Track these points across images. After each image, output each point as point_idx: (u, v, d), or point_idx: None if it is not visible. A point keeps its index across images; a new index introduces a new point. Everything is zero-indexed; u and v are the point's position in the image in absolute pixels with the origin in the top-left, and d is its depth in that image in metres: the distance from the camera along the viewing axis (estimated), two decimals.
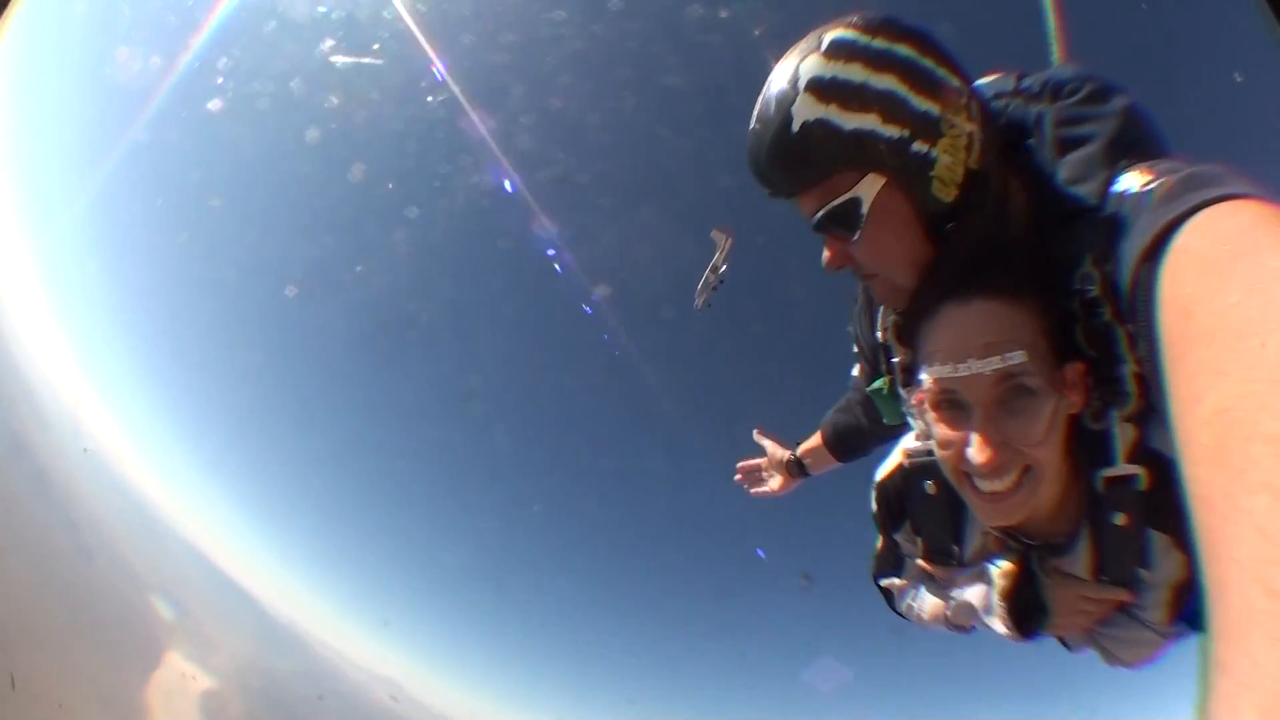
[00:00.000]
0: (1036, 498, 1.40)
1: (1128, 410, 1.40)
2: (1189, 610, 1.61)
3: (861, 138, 1.32)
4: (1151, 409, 1.36)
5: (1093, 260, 1.23)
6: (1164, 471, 1.43)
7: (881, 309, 1.81)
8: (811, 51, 1.34)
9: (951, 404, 1.38)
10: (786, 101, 1.34)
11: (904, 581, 1.99)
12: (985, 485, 1.38)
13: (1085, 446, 1.45)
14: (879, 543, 1.99)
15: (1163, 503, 1.44)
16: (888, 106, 1.31)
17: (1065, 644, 1.92)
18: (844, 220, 1.41)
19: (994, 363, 1.28)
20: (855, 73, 1.31)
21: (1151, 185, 1.12)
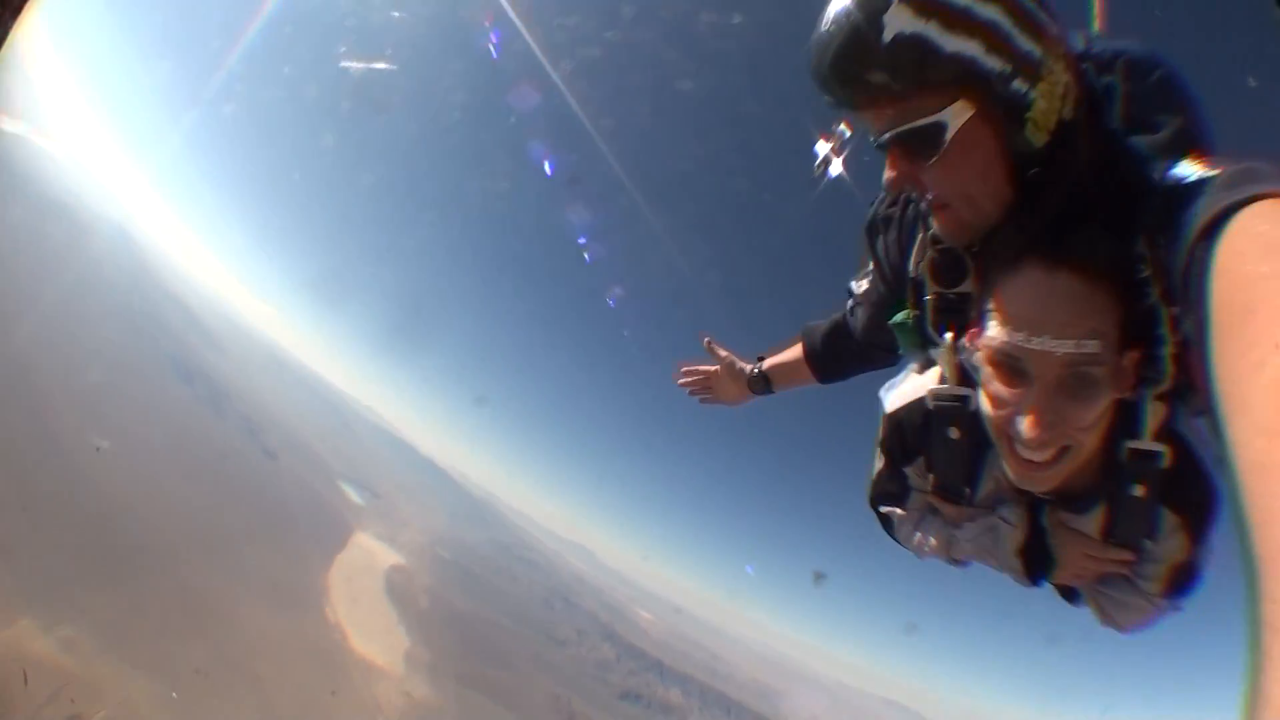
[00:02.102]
0: (1070, 470, 1.46)
1: (1160, 389, 1.46)
2: (1183, 587, 1.71)
3: (961, 62, 1.27)
4: (1181, 391, 1.44)
5: (1146, 240, 1.26)
6: (1184, 454, 1.55)
7: (918, 239, 1.74)
8: None
9: (1013, 368, 1.38)
10: (877, 8, 1.25)
11: (906, 512, 2.04)
12: (1024, 453, 1.43)
13: (1116, 416, 1.48)
14: (878, 468, 2.04)
15: (1178, 484, 1.57)
16: (992, 37, 1.27)
17: (1066, 596, 1.99)
18: (923, 142, 1.36)
19: (1068, 346, 1.29)
20: None
21: (1209, 174, 1.14)
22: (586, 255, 75.55)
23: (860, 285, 2.10)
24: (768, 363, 2.54)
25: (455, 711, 47.26)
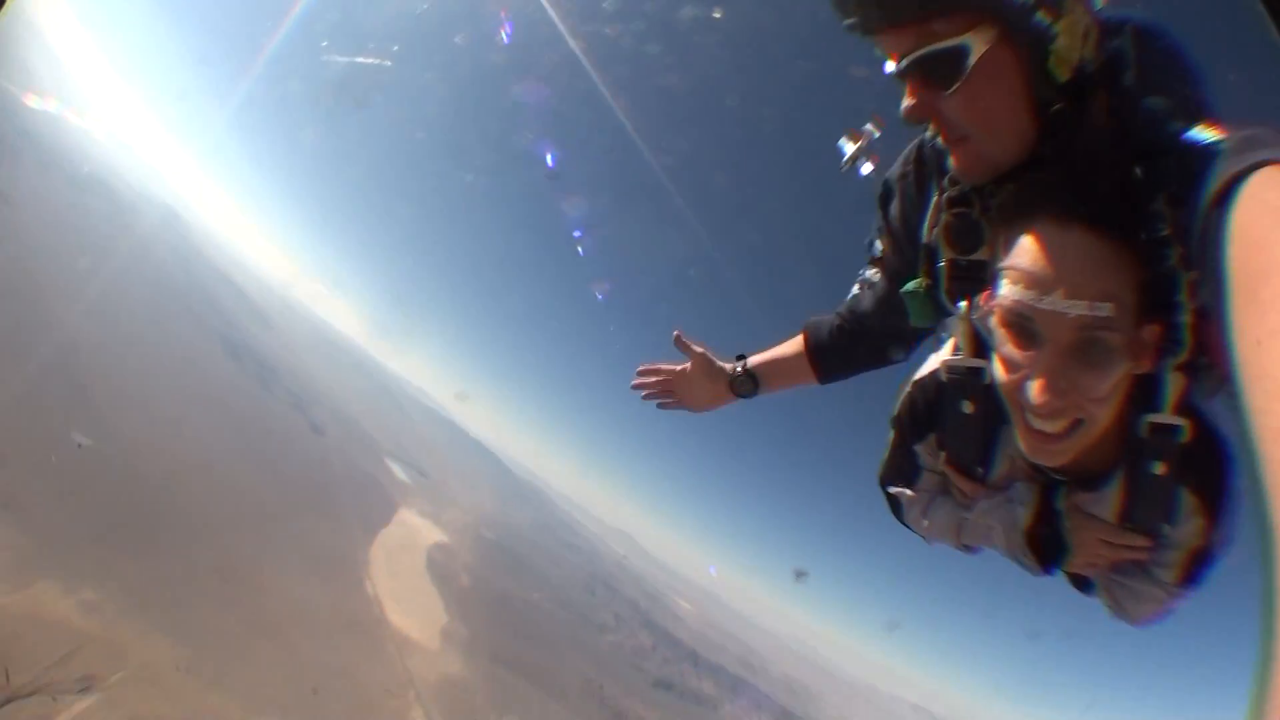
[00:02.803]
0: (1082, 445, 1.40)
1: (1180, 359, 1.39)
2: (1199, 575, 1.63)
3: None
4: (1200, 362, 1.39)
5: (1166, 199, 1.22)
6: (1203, 429, 1.48)
7: (932, 203, 1.69)
8: None
9: (1024, 329, 1.32)
10: None
11: (915, 494, 1.96)
12: (1035, 423, 1.37)
13: (1134, 389, 1.43)
14: (890, 447, 1.96)
15: (1196, 463, 1.50)
16: None
17: (1078, 585, 1.90)
18: (945, 68, 1.32)
19: (1080, 307, 1.23)
20: None
21: (1224, 138, 1.14)
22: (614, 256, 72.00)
23: (870, 270, 2.04)
24: (756, 359, 2.35)
25: (487, 689, 48.01)
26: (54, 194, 50.87)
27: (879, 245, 1.98)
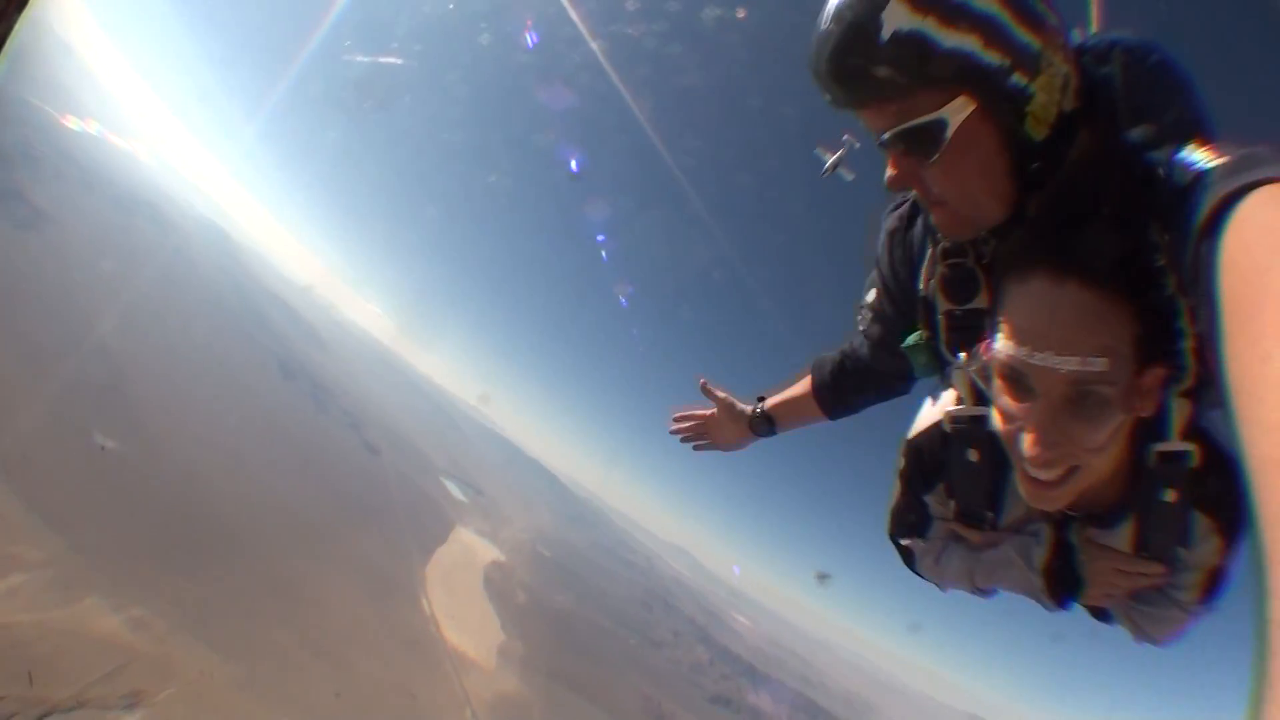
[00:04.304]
0: (1079, 489, 1.40)
1: (1184, 385, 1.40)
2: (1219, 591, 1.63)
3: (959, 58, 1.26)
4: (1205, 386, 1.40)
5: (1159, 228, 1.22)
6: (1211, 452, 1.47)
7: (927, 257, 1.71)
8: None
9: (1019, 383, 1.33)
10: (874, 5, 1.25)
11: (926, 543, 1.96)
12: (1030, 471, 1.38)
13: (1143, 426, 1.43)
14: (895, 499, 1.95)
15: (1208, 484, 1.48)
16: (990, 31, 1.27)
17: (1097, 615, 1.89)
18: (924, 141, 1.35)
19: (1071, 363, 1.23)
20: None
21: (1214, 161, 1.13)
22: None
23: (866, 311, 2.04)
24: (771, 401, 2.44)
25: (543, 706, 47.85)
26: (101, 215, 52.71)
27: (873, 294, 1.98)
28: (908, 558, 2.05)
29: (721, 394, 2.54)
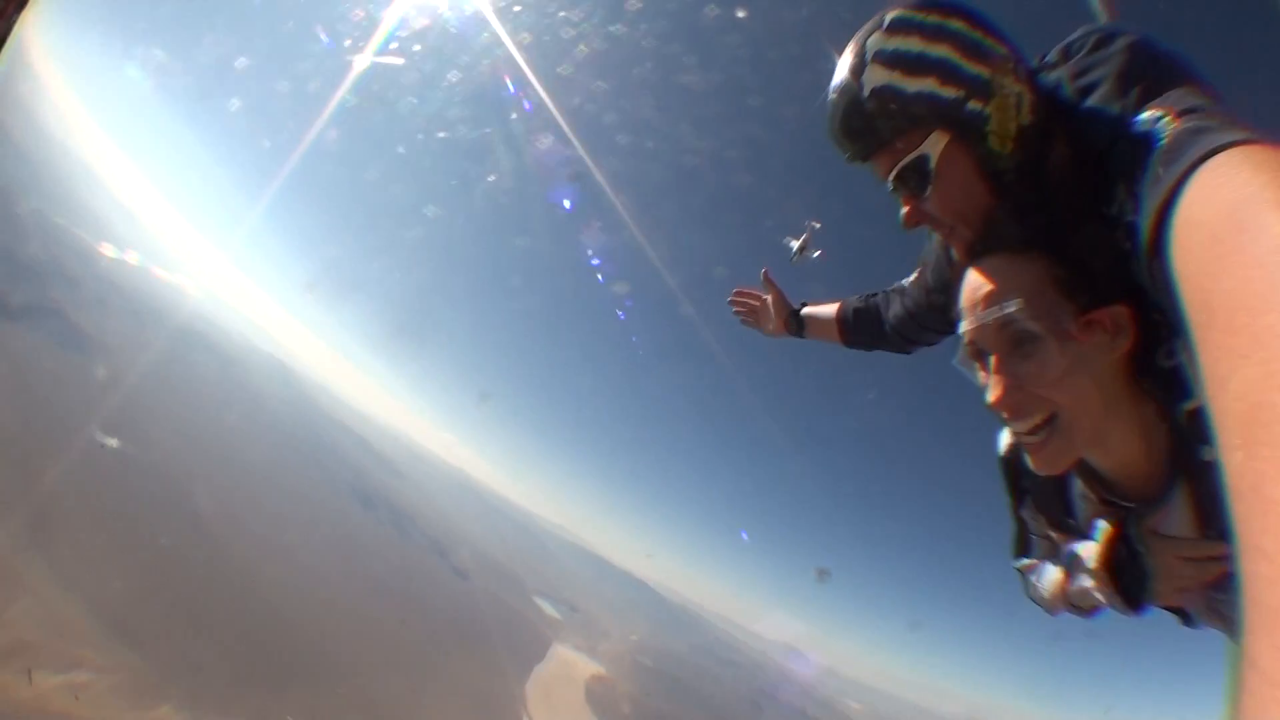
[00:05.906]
0: (1074, 444, 1.45)
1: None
2: None
3: (925, 99, 1.45)
4: None
5: (1125, 190, 1.27)
6: None
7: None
8: (875, 29, 1.49)
9: (979, 354, 1.47)
10: (857, 72, 1.48)
11: (1032, 562, 1.97)
12: (1012, 427, 1.49)
13: (1163, 386, 1.46)
14: (1012, 522, 2.02)
15: None
16: (944, 71, 1.45)
17: (1183, 618, 1.83)
18: (915, 176, 1.52)
19: (993, 312, 1.39)
20: (914, 44, 1.46)
21: (1160, 129, 1.21)
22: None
23: (904, 286, 2.29)
24: (807, 310, 2.75)
25: None
26: (152, 345, 52.53)
27: (914, 276, 2.23)
28: (1026, 584, 2.04)
29: (776, 287, 2.81)
